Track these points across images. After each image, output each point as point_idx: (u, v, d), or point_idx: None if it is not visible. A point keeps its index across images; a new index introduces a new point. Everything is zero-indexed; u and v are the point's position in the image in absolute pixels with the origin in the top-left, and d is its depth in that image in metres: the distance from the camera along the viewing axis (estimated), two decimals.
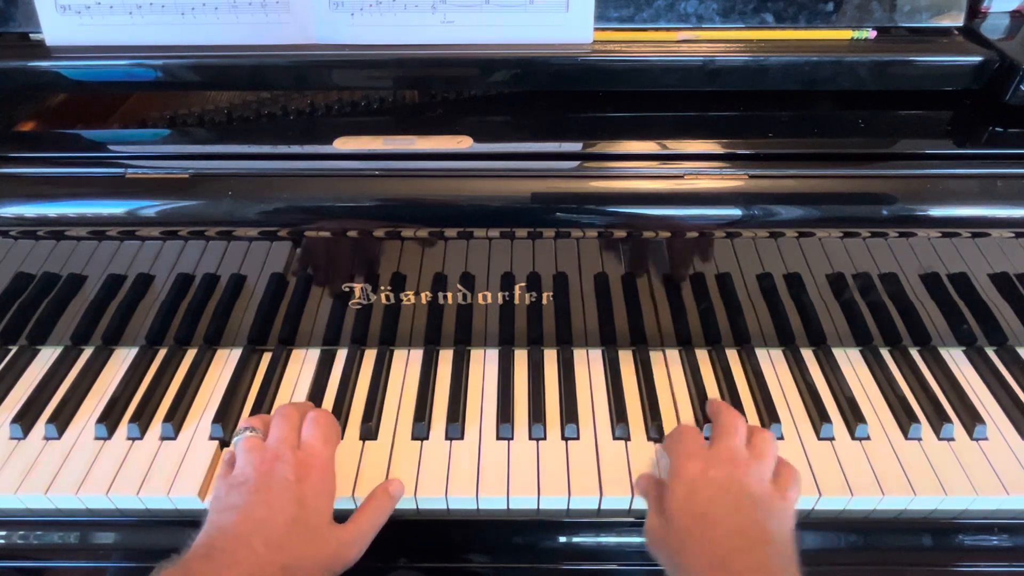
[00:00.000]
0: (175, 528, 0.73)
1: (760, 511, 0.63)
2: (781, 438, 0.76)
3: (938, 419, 0.77)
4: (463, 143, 0.75)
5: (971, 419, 0.77)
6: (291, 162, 0.75)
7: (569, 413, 0.78)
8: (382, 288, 0.79)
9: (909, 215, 0.72)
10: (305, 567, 0.60)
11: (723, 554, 0.60)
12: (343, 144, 0.75)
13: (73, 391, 0.81)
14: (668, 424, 0.77)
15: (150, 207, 0.72)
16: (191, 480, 0.72)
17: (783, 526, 0.63)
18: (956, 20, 0.80)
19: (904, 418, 0.77)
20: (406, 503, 0.71)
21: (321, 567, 0.62)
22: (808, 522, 0.73)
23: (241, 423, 0.71)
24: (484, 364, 0.84)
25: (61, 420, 0.77)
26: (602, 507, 0.72)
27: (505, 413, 0.78)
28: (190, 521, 0.69)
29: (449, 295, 0.80)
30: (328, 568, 0.62)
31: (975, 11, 0.84)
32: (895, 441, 0.76)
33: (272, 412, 0.72)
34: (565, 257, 0.77)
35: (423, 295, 0.80)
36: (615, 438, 0.76)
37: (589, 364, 0.84)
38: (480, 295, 0.80)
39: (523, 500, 0.71)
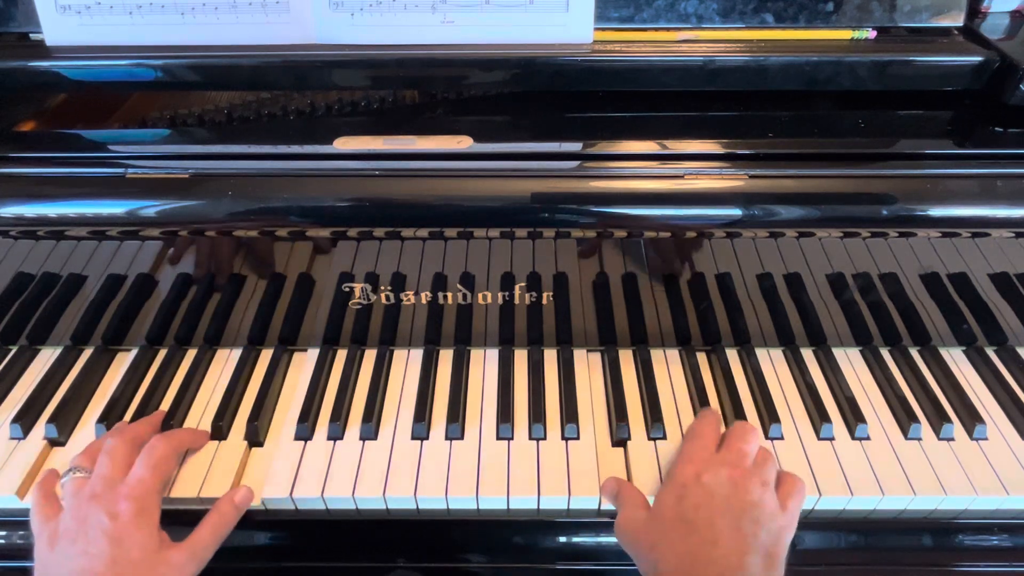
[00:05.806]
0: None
1: (747, 519, 0.63)
2: (781, 438, 0.76)
3: (938, 419, 0.77)
4: (463, 143, 0.75)
5: (971, 419, 0.77)
6: (291, 162, 0.75)
7: (569, 413, 0.77)
8: (382, 288, 0.79)
9: (909, 215, 0.72)
10: None
11: (692, 560, 0.61)
12: (343, 144, 0.75)
13: (73, 391, 0.81)
14: (669, 424, 0.77)
15: (150, 207, 0.72)
16: (190, 482, 0.72)
17: (773, 535, 0.63)
18: (956, 20, 0.80)
19: (904, 418, 0.77)
20: (406, 503, 0.71)
21: None
22: (808, 522, 0.73)
23: (71, 462, 0.69)
24: (484, 364, 0.84)
25: (61, 420, 0.77)
26: (602, 507, 0.71)
27: (505, 413, 0.78)
28: None
29: (449, 295, 0.80)
30: None
31: (975, 11, 0.85)
32: (895, 441, 0.76)
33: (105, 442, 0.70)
34: (565, 257, 0.77)
35: (423, 295, 0.80)
36: (615, 438, 0.76)
37: (589, 364, 0.84)
38: (480, 295, 0.80)
39: (523, 500, 0.71)
